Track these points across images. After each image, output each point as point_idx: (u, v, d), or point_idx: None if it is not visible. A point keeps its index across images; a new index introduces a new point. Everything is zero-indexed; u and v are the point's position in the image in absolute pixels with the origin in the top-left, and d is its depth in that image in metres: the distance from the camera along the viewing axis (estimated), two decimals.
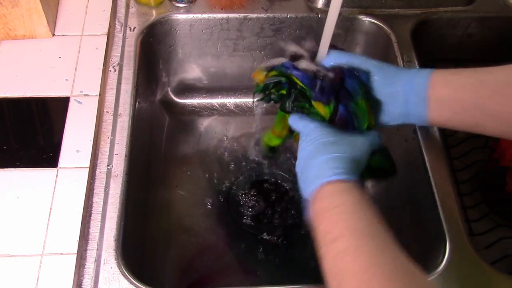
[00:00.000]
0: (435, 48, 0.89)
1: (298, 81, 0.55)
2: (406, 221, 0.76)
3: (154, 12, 0.82)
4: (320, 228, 0.46)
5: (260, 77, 0.59)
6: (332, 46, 0.57)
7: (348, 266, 0.41)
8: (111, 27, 0.81)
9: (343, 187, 0.48)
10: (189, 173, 0.86)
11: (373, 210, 0.46)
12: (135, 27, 0.81)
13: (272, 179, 0.85)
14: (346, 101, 0.54)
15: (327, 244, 0.44)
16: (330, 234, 0.44)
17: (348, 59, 0.56)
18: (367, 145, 0.53)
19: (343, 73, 0.55)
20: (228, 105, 0.95)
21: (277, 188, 0.84)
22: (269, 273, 0.78)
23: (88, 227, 0.61)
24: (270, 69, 0.58)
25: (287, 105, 0.57)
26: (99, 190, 0.64)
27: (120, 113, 0.71)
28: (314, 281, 0.77)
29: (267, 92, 0.60)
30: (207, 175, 0.87)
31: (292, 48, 0.58)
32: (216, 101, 0.95)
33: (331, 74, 0.55)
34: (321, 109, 0.54)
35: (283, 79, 0.57)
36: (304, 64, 0.56)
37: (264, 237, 0.80)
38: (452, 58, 0.90)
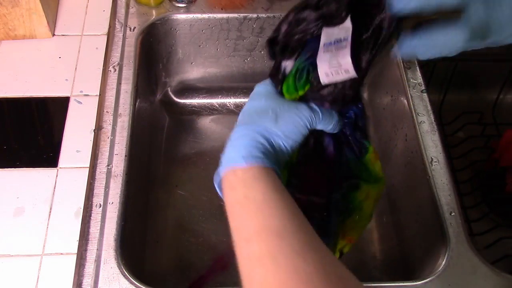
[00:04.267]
0: None
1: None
2: (406, 221, 0.76)
3: (154, 12, 0.82)
4: (232, 223, 0.40)
5: None
6: None
7: (268, 274, 0.35)
8: (111, 27, 0.81)
9: (256, 172, 0.40)
10: (189, 173, 0.86)
11: (289, 203, 0.39)
12: (135, 27, 0.81)
13: None
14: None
15: (241, 244, 0.38)
16: (244, 232, 0.38)
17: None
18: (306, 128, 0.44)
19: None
20: (228, 105, 0.95)
21: None
22: None
23: (88, 227, 0.61)
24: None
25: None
26: (99, 190, 0.64)
27: (120, 113, 0.71)
28: None
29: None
30: (207, 175, 0.86)
31: None
32: (216, 101, 0.95)
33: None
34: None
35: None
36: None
37: None
38: (452, 58, 0.89)
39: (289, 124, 0.44)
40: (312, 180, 0.47)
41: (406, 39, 0.41)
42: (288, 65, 0.49)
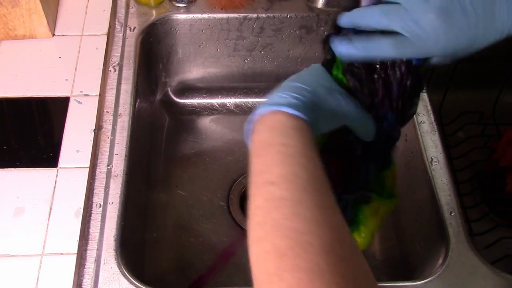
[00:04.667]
0: None
1: None
2: (406, 221, 0.76)
3: (154, 12, 0.82)
4: (256, 163, 0.38)
5: None
6: None
7: (284, 220, 0.34)
8: (111, 27, 0.81)
9: (296, 123, 0.39)
10: (189, 173, 0.86)
11: (320, 163, 0.38)
12: (135, 27, 0.81)
13: None
14: None
15: (261, 185, 0.37)
16: (268, 174, 0.37)
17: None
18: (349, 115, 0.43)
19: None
20: (228, 105, 0.95)
21: None
22: None
23: (88, 227, 0.61)
24: None
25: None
26: (99, 190, 0.64)
27: (120, 113, 0.71)
28: None
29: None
30: (207, 175, 0.87)
31: None
32: (216, 101, 0.95)
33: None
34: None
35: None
36: None
37: None
38: None
39: (336, 105, 0.43)
40: (329, 172, 0.47)
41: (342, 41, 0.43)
42: None
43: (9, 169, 0.68)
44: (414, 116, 0.73)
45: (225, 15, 0.83)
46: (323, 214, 0.35)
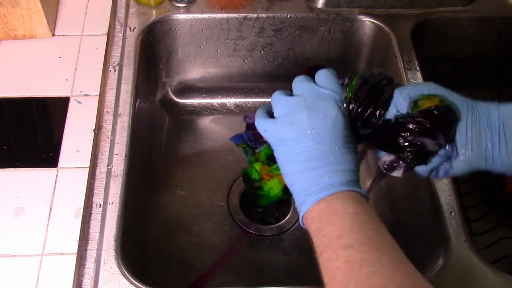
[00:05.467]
0: (435, 48, 0.89)
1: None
2: (406, 221, 0.76)
3: (154, 12, 0.82)
4: (331, 229, 0.42)
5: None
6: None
7: (365, 278, 0.38)
8: (111, 27, 0.81)
9: (361, 199, 0.44)
10: (189, 173, 0.86)
11: (386, 229, 0.43)
12: (135, 27, 0.81)
13: None
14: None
15: (338, 249, 0.41)
16: (345, 239, 0.41)
17: None
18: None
19: None
20: (228, 105, 0.95)
21: None
22: (266, 270, 0.78)
23: (88, 227, 0.61)
24: None
25: None
26: (99, 190, 0.64)
27: (120, 113, 0.71)
28: (316, 280, 0.77)
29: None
30: (207, 175, 0.87)
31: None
32: (216, 101, 0.95)
33: None
34: None
35: None
36: None
37: (264, 236, 0.80)
38: (452, 58, 0.90)
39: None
40: None
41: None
42: None
43: (9, 169, 0.68)
44: None
45: (225, 15, 0.83)
46: (398, 269, 0.39)
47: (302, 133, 0.44)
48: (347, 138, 0.46)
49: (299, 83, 0.47)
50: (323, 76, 0.47)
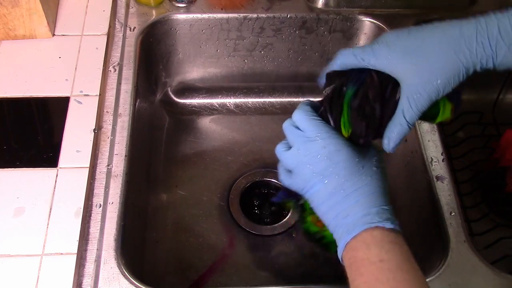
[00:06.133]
0: None
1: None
2: (406, 221, 0.76)
3: (154, 12, 0.82)
4: (359, 281, 0.41)
5: None
6: None
7: None
8: (111, 27, 0.81)
9: (387, 236, 0.42)
10: (189, 173, 0.86)
11: (418, 269, 0.42)
12: (135, 27, 0.81)
13: (273, 180, 0.85)
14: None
15: None
16: None
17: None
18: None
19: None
20: (228, 105, 0.95)
21: (278, 189, 0.84)
22: (266, 270, 0.78)
23: (88, 227, 0.61)
24: None
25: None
26: (99, 190, 0.64)
27: (120, 113, 0.71)
28: (316, 280, 0.77)
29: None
30: (207, 175, 0.87)
31: None
32: (216, 101, 0.95)
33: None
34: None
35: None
36: None
37: (264, 236, 0.80)
38: None
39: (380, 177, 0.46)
40: None
41: None
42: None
43: (9, 169, 0.68)
44: None
45: (225, 15, 0.83)
46: None
47: (310, 178, 0.45)
48: (356, 161, 0.45)
49: (287, 132, 0.48)
50: (299, 120, 0.47)
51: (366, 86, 0.46)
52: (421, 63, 0.42)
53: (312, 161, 0.45)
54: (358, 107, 0.46)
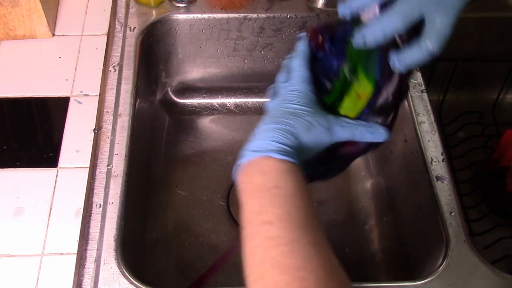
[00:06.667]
0: None
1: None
2: (406, 221, 0.76)
3: (154, 12, 0.82)
4: (252, 204, 0.41)
5: None
6: None
7: (281, 258, 0.37)
8: (111, 27, 0.81)
9: (287, 167, 0.42)
10: (189, 173, 0.86)
11: (311, 201, 0.42)
12: (135, 27, 0.81)
13: None
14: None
15: (258, 225, 0.40)
16: (263, 215, 0.40)
17: None
18: (329, 139, 0.46)
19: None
20: (228, 105, 0.95)
21: None
22: None
23: (88, 227, 0.61)
24: None
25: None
26: (99, 190, 0.64)
27: (120, 113, 0.71)
28: None
29: None
30: (207, 175, 0.87)
31: None
32: (216, 101, 0.95)
33: None
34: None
35: None
36: None
37: None
38: (452, 58, 0.90)
39: (317, 138, 0.46)
40: None
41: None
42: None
43: (9, 169, 0.68)
44: (414, 116, 0.74)
45: (225, 15, 0.83)
46: (316, 251, 0.38)
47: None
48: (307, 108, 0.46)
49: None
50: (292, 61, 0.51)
51: None
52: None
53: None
54: None
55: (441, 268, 0.60)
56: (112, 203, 0.63)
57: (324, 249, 0.39)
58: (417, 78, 0.77)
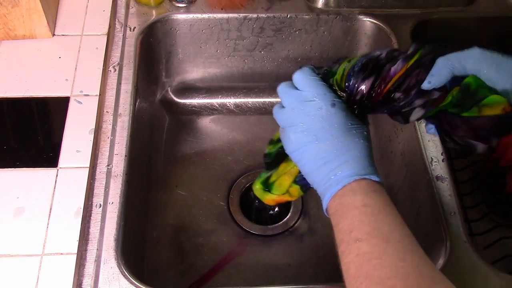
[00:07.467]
0: None
1: None
2: (406, 221, 0.76)
3: (154, 12, 0.82)
4: (343, 224, 0.44)
5: None
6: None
7: (373, 271, 0.40)
8: (111, 27, 0.81)
9: (372, 186, 0.45)
10: (189, 173, 0.86)
11: (398, 214, 0.45)
12: (135, 27, 0.81)
13: None
14: None
15: (350, 242, 0.43)
16: (355, 233, 0.43)
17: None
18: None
19: None
20: (228, 105, 0.95)
21: None
22: (266, 270, 0.78)
23: (88, 227, 0.61)
24: None
25: None
26: (99, 190, 0.64)
27: (120, 113, 0.71)
28: (316, 280, 0.77)
29: None
30: (207, 175, 0.87)
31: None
32: (216, 101, 0.95)
33: None
34: None
35: None
36: None
37: (264, 236, 0.80)
38: None
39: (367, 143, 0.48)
40: None
41: None
42: None
43: (9, 169, 0.68)
44: None
45: (225, 15, 0.83)
46: (405, 259, 0.42)
47: (301, 136, 0.47)
48: (349, 125, 0.46)
49: (282, 95, 0.49)
50: (299, 79, 0.48)
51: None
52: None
53: (306, 120, 0.46)
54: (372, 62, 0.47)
55: (441, 268, 0.60)
56: (112, 203, 0.63)
57: (413, 255, 0.42)
58: None
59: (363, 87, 0.47)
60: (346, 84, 0.48)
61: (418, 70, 0.46)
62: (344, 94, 0.48)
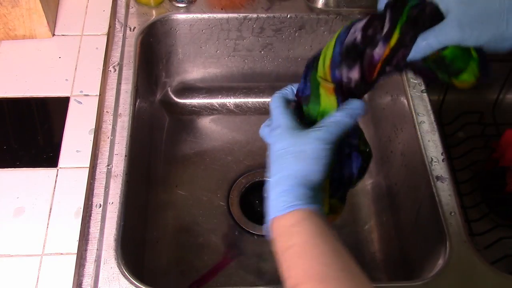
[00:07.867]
0: None
1: None
2: (406, 221, 0.76)
3: (154, 12, 0.82)
4: (283, 269, 0.43)
5: None
6: None
7: None
8: (111, 27, 0.81)
9: (295, 220, 0.42)
10: (189, 173, 0.86)
11: (334, 246, 0.42)
12: (135, 27, 0.81)
13: None
14: None
15: (289, 286, 0.41)
16: (291, 280, 0.41)
17: None
18: (328, 148, 0.45)
19: None
20: (228, 105, 0.95)
21: None
22: (266, 270, 0.78)
23: (88, 227, 0.61)
24: None
25: None
26: (99, 190, 0.64)
27: (120, 113, 0.71)
28: None
29: None
30: (207, 175, 0.87)
31: None
32: (216, 101, 0.95)
33: None
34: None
35: None
36: None
37: (264, 236, 0.80)
38: None
39: (319, 160, 0.45)
40: None
41: None
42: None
43: (9, 169, 0.68)
44: (414, 116, 0.74)
45: (225, 15, 0.83)
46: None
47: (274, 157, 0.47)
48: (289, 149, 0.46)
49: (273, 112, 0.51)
50: (270, 108, 0.51)
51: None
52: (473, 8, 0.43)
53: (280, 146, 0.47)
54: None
55: (441, 268, 0.60)
56: (112, 203, 0.63)
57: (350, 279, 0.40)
58: (417, 78, 0.77)
59: (354, 75, 0.47)
60: (333, 77, 0.48)
61: (403, 49, 0.46)
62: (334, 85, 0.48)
